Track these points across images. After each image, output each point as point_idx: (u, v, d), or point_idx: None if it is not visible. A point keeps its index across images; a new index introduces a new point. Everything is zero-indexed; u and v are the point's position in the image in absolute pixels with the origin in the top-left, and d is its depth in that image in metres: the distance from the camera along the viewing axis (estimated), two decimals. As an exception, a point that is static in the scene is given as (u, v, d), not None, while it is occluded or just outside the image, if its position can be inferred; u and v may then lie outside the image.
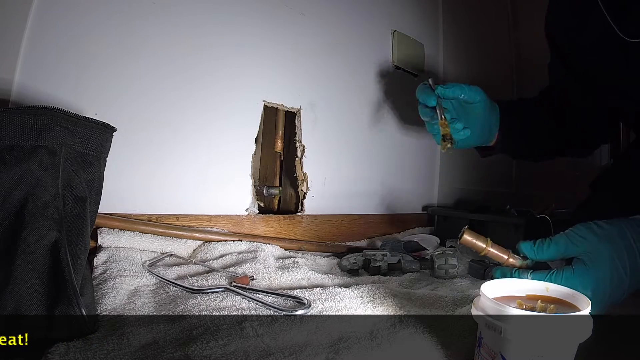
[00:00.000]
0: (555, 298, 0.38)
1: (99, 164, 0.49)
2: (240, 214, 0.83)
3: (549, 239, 0.46)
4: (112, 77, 0.68)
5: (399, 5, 1.17)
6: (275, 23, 0.88)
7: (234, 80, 0.82)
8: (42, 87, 0.61)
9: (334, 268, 0.76)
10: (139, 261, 0.63)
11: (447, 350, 0.41)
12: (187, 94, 0.76)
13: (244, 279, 0.59)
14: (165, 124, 0.74)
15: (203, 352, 0.37)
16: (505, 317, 0.32)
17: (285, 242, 0.83)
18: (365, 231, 1.03)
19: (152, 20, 0.72)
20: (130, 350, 0.38)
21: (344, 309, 0.50)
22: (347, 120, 1.02)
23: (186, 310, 0.47)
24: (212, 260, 0.70)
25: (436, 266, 0.71)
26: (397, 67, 1.14)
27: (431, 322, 0.47)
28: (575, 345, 0.32)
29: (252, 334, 0.42)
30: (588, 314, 0.33)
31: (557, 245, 0.45)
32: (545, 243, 0.46)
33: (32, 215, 0.40)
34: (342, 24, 1.01)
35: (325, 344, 0.41)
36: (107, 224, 0.66)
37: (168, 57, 0.74)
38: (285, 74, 0.90)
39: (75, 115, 0.45)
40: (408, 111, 1.18)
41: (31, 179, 0.41)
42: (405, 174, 1.17)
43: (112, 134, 0.51)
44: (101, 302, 0.48)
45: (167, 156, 0.74)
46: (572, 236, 0.45)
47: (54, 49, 0.62)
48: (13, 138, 0.41)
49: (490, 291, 0.36)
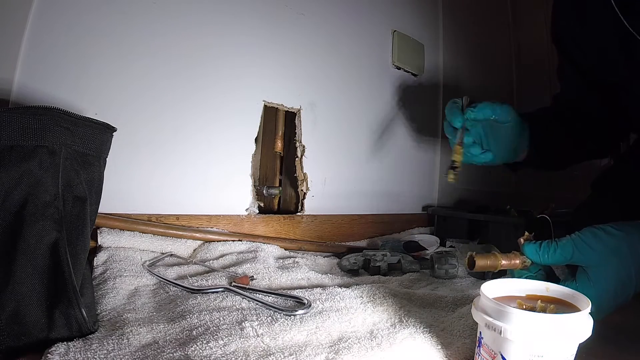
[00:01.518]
0: (555, 298, 0.38)
1: (99, 164, 0.49)
2: (240, 214, 0.83)
3: (555, 242, 0.45)
4: (112, 77, 0.68)
5: (399, 5, 1.17)
6: (275, 23, 0.88)
7: (234, 81, 0.82)
8: (42, 87, 0.61)
9: (334, 268, 0.76)
10: (139, 261, 0.63)
11: (447, 350, 0.41)
12: (187, 94, 0.76)
13: (244, 279, 0.59)
14: (165, 124, 0.74)
15: (203, 352, 0.37)
16: (505, 317, 0.32)
17: (285, 242, 0.83)
18: (365, 231, 1.03)
19: (152, 20, 0.72)
20: (130, 350, 0.38)
21: (344, 309, 0.50)
22: (347, 120, 1.02)
23: (186, 310, 0.47)
24: (212, 260, 0.70)
25: (436, 266, 0.71)
26: (397, 67, 1.14)
27: (431, 322, 0.47)
28: (575, 345, 0.32)
29: (252, 334, 0.42)
30: (588, 314, 0.33)
31: (563, 252, 0.44)
32: (551, 248, 0.45)
33: (32, 215, 0.40)
34: (342, 24, 1.01)
35: (325, 344, 0.41)
36: (107, 224, 0.66)
37: (168, 57, 0.74)
38: (285, 74, 0.90)
39: (75, 115, 0.45)
40: (408, 111, 1.18)
41: (31, 179, 0.41)
42: (405, 174, 1.17)
43: (112, 134, 0.51)
44: (101, 302, 0.48)
45: (167, 156, 0.74)
46: (579, 244, 0.44)
47: (54, 49, 0.62)
48: (13, 138, 0.41)
49: (490, 291, 0.36)
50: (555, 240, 0.45)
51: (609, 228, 0.44)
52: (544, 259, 0.45)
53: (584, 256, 0.44)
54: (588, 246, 0.44)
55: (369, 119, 1.07)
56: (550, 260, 0.45)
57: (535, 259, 0.46)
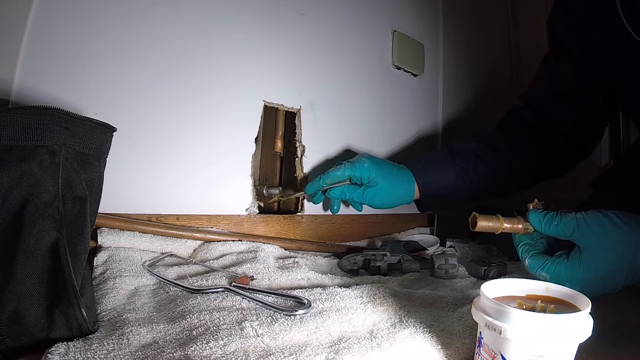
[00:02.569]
0: (555, 298, 0.38)
1: (99, 164, 0.49)
2: (240, 214, 0.83)
3: (560, 215, 0.46)
4: (113, 76, 0.68)
5: (399, 5, 1.17)
6: (275, 23, 0.88)
7: (234, 80, 0.82)
8: (42, 87, 0.61)
9: (334, 268, 0.76)
10: (139, 261, 0.63)
11: (447, 350, 0.41)
12: (187, 94, 0.76)
13: (244, 279, 0.59)
14: (165, 124, 0.74)
15: (203, 352, 0.37)
16: (505, 317, 0.32)
17: (285, 242, 0.83)
18: (365, 231, 1.03)
19: (151, 19, 0.72)
20: (130, 350, 0.38)
21: (344, 309, 0.50)
22: (347, 120, 1.02)
23: (186, 310, 0.47)
24: (212, 260, 0.70)
25: (436, 266, 0.71)
26: (397, 67, 1.14)
27: (431, 322, 0.47)
28: (575, 345, 0.32)
29: (252, 334, 0.42)
30: (588, 314, 0.33)
31: (565, 227, 0.45)
32: (554, 219, 0.46)
33: (32, 215, 0.40)
34: (342, 24, 1.01)
35: (325, 344, 0.41)
36: (107, 224, 0.66)
37: (168, 57, 0.74)
38: (286, 74, 0.90)
39: (75, 115, 0.45)
40: (408, 111, 1.18)
41: (31, 179, 0.41)
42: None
43: (112, 134, 0.51)
44: (101, 302, 0.48)
45: (167, 156, 0.74)
46: (581, 223, 0.44)
47: (54, 49, 0.62)
48: (13, 138, 0.41)
49: (490, 291, 0.36)
50: (560, 214, 0.46)
51: (615, 217, 0.44)
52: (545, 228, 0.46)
53: (582, 237, 0.44)
54: (589, 228, 0.44)
55: (368, 119, 1.07)
56: (551, 232, 0.46)
57: (537, 227, 0.47)
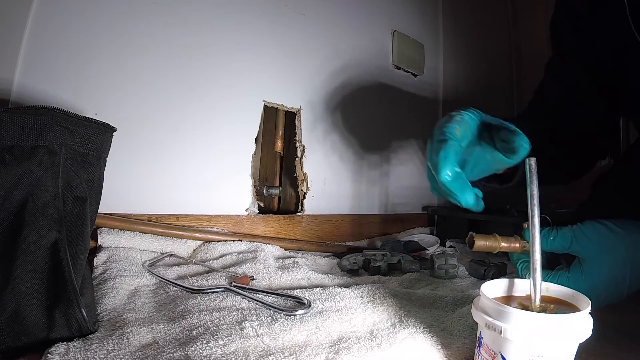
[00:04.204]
0: (555, 298, 0.38)
1: (99, 164, 0.49)
2: (240, 214, 0.83)
3: (556, 230, 0.46)
4: (113, 76, 0.68)
5: (399, 5, 1.17)
6: (275, 23, 0.88)
7: (234, 80, 0.82)
8: (42, 87, 0.61)
9: (334, 268, 0.76)
10: (139, 261, 0.63)
11: (447, 350, 0.41)
12: (187, 93, 0.76)
13: (244, 279, 0.59)
14: (165, 124, 0.74)
15: (203, 352, 0.37)
16: (505, 317, 0.32)
17: (285, 242, 0.83)
18: (365, 231, 1.03)
19: (151, 19, 0.72)
20: (130, 350, 0.38)
21: (344, 309, 0.50)
22: (347, 120, 1.02)
23: (186, 310, 0.47)
24: (212, 260, 0.70)
25: (436, 266, 0.71)
26: (397, 67, 1.14)
27: (431, 322, 0.47)
28: (575, 345, 0.32)
29: (252, 334, 0.42)
30: (588, 314, 0.33)
31: (562, 240, 0.45)
32: (551, 235, 0.45)
33: (32, 215, 0.40)
34: (342, 24, 1.01)
35: (325, 344, 0.41)
36: (107, 224, 0.66)
37: (168, 57, 0.74)
38: (286, 74, 0.90)
39: (75, 115, 0.45)
40: (408, 111, 1.18)
41: (31, 179, 0.41)
42: (405, 173, 1.17)
43: (112, 134, 0.51)
44: (101, 302, 0.48)
45: (167, 157, 0.74)
46: (578, 235, 0.44)
47: (54, 49, 0.62)
48: (13, 138, 0.41)
49: (490, 291, 0.36)
50: (556, 228, 0.46)
51: (611, 224, 0.44)
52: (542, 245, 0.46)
53: (581, 247, 0.44)
54: (587, 238, 0.44)
55: (368, 119, 1.07)
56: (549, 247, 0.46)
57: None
